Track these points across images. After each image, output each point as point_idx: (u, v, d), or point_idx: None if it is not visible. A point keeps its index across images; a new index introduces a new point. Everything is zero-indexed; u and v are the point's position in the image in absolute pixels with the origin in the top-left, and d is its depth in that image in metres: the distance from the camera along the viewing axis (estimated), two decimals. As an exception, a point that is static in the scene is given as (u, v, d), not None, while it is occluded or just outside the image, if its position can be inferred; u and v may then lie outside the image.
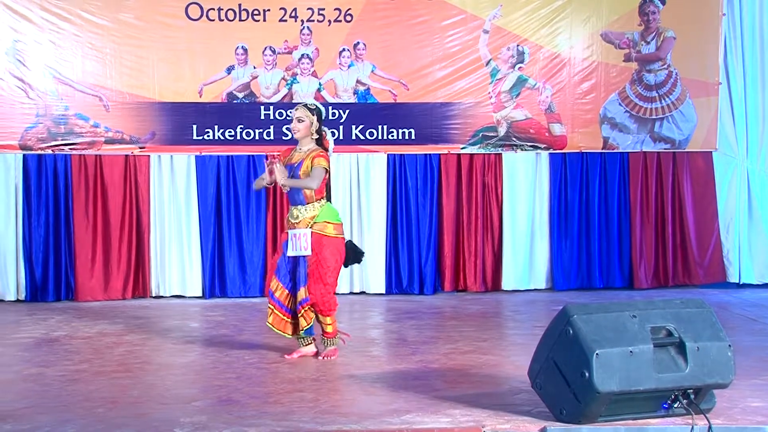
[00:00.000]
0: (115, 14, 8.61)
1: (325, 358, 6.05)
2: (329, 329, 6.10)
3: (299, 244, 5.97)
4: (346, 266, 6.26)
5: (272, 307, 6.08)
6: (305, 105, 6.18)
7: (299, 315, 6.02)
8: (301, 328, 6.07)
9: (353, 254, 6.24)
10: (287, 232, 6.06)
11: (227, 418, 4.60)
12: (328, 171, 6.04)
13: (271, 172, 5.99)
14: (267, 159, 6.13)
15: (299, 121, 6.08)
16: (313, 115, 6.09)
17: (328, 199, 6.12)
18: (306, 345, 6.16)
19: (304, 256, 5.98)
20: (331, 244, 6.00)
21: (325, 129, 6.25)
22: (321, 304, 5.98)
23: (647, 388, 4.31)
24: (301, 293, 5.98)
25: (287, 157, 6.16)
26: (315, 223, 5.98)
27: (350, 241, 6.29)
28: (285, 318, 6.08)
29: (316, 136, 6.13)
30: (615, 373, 4.24)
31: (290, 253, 6.01)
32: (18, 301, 8.67)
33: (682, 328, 4.44)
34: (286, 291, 6.06)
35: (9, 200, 8.67)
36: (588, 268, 9.29)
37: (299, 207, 6.03)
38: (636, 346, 4.30)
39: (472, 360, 6.01)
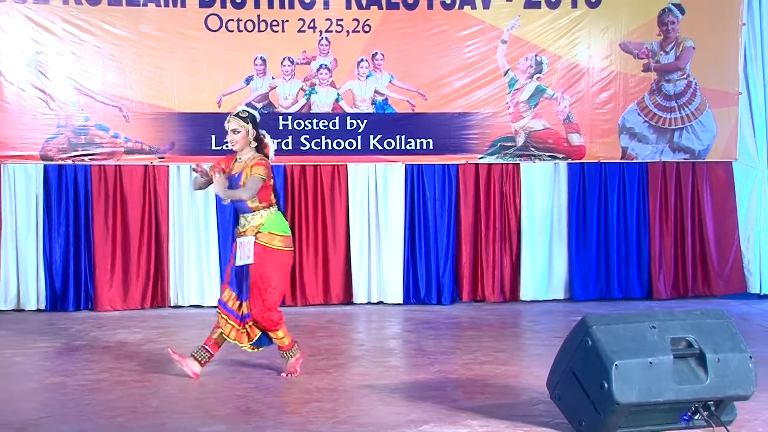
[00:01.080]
0: (135, 26, 8.67)
1: (289, 376, 5.86)
2: (285, 342, 5.88)
3: (244, 252, 5.74)
4: None
5: (226, 317, 5.84)
6: (237, 115, 5.88)
7: (245, 327, 5.84)
8: (249, 340, 5.87)
9: None
10: (236, 241, 5.85)
11: (245, 428, 4.61)
12: (265, 179, 5.74)
13: (204, 175, 5.89)
14: (195, 169, 5.92)
15: (234, 132, 5.83)
16: (248, 123, 5.84)
17: (280, 208, 5.92)
18: (200, 361, 5.91)
19: (248, 267, 5.75)
20: (275, 257, 5.76)
21: (264, 133, 6.01)
22: (262, 321, 5.76)
23: (667, 400, 4.29)
24: (244, 308, 5.81)
25: (228, 167, 5.91)
26: (259, 232, 5.74)
27: None
28: (239, 327, 5.86)
29: (254, 144, 5.88)
30: (634, 384, 4.22)
31: (238, 262, 5.78)
32: (38, 310, 8.72)
33: (703, 339, 4.41)
34: (237, 300, 5.85)
35: (30, 210, 8.73)
36: (607, 278, 9.25)
37: (246, 215, 5.79)
38: (656, 357, 4.28)
39: (491, 370, 5.99)
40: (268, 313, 5.74)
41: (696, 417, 4.40)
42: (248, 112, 5.95)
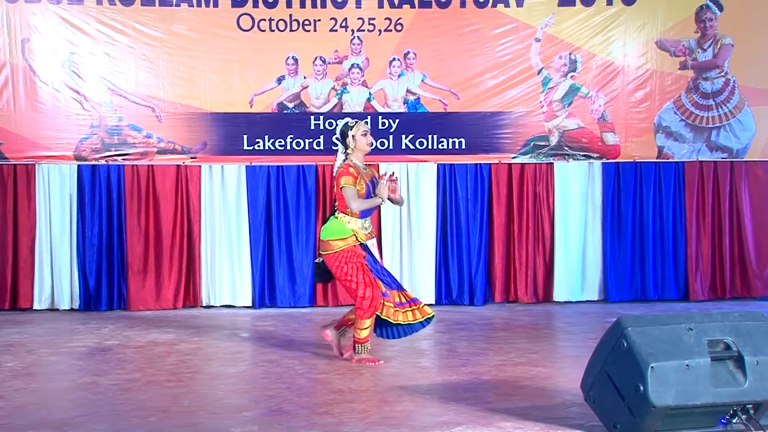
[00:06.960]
0: (168, 26, 8.72)
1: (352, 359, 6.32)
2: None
3: (377, 252, 6.39)
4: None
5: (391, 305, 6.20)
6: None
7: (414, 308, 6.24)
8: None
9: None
10: (364, 244, 6.19)
11: (278, 429, 4.59)
12: None
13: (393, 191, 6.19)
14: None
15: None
16: None
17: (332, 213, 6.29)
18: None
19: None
20: None
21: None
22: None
23: (704, 403, 4.21)
24: (406, 295, 6.27)
25: (361, 173, 6.22)
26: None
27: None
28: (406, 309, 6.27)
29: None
30: (671, 387, 4.14)
31: (378, 259, 6.33)
32: (72, 309, 8.78)
33: (741, 342, 4.32)
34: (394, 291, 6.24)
35: (64, 210, 8.80)
36: (642, 279, 9.15)
37: (368, 219, 6.25)
38: (692, 360, 4.20)
39: (524, 372, 5.93)
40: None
41: (734, 420, 4.31)
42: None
